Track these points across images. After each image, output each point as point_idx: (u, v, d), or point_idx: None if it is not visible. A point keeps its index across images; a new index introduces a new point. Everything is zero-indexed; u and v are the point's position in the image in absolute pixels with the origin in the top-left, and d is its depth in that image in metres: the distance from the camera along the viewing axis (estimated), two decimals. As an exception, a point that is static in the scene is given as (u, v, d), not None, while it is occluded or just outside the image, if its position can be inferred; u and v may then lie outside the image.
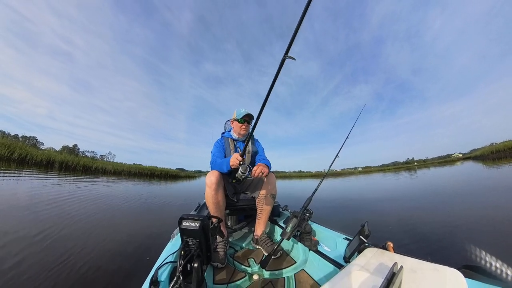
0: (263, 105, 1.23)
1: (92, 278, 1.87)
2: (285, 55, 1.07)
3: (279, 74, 1.13)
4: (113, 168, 26.66)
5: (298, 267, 1.42)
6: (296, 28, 1.04)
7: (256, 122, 1.30)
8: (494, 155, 37.31)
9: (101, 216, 4.08)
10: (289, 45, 1.07)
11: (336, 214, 4.79)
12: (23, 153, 19.40)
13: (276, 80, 1.15)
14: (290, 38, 1.07)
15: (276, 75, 1.13)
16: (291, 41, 1.06)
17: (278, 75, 1.12)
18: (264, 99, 1.21)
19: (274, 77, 1.14)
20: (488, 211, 3.78)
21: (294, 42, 1.07)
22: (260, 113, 1.25)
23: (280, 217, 2.21)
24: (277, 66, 1.09)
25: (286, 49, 1.08)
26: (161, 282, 0.95)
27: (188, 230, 0.86)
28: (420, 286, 0.76)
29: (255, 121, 1.31)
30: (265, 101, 1.21)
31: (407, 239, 2.76)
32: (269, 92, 1.18)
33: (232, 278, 1.31)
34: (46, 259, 2.11)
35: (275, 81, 1.15)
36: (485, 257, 1.16)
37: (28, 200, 4.80)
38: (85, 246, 2.53)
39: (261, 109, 1.24)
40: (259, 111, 1.25)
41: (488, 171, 13.27)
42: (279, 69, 1.11)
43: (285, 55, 1.07)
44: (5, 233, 2.73)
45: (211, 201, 1.53)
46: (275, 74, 1.14)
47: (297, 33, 1.04)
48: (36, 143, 78.89)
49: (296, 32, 1.04)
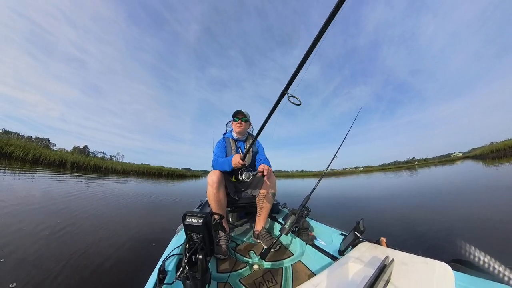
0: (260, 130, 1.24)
1: (105, 267, 2.01)
2: (285, 93, 0.93)
3: (274, 111, 1.03)
4: (122, 168, 27.18)
5: (296, 259, 1.50)
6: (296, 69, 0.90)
7: (261, 129, 1.30)
8: (494, 154, 37.10)
9: (112, 212, 4.25)
10: (288, 83, 0.93)
11: (333, 212, 4.89)
12: (37, 154, 19.94)
13: (270, 117, 1.08)
14: (290, 77, 0.93)
15: (271, 112, 1.05)
16: (291, 79, 0.93)
17: (273, 111, 1.04)
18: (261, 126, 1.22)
19: (269, 112, 1.07)
20: (480, 209, 3.86)
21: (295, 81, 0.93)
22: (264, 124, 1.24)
23: (279, 214, 2.28)
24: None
25: (285, 86, 0.93)
26: (168, 272, 1.01)
27: (191, 226, 0.90)
28: (409, 277, 0.80)
29: (260, 128, 1.31)
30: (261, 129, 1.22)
31: (401, 235, 2.85)
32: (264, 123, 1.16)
33: (234, 268, 1.40)
34: (64, 250, 2.30)
35: (270, 117, 1.09)
36: (474, 252, 1.19)
37: (45, 197, 5.04)
38: (99, 238, 2.70)
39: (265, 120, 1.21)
40: (264, 120, 1.22)
41: (485, 170, 13.33)
42: (276, 105, 1.01)
43: (285, 93, 0.93)
44: (28, 226, 2.94)
45: (213, 199, 1.59)
46: (271, 110, 1.05)
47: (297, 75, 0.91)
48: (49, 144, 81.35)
49: (297, 74, 0.91)
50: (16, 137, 54.41)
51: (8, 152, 18.69)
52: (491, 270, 0.84)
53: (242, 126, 1.99)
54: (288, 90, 0.93)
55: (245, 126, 2.02)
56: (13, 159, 18.35)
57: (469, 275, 0.80)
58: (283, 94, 0.95)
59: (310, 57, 0.86)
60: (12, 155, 18.80)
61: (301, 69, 0.89)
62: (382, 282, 0.67)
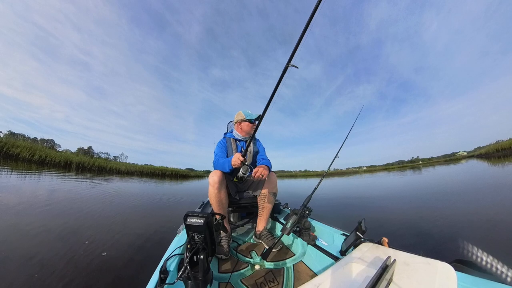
0: (266, 107, 1.26)
1: (107, 266, 2.04)
2: (288, 63, 1.08)
3: (281, 81, 1.14)
4: (126, 169, 27.50)
5: (297, 259, 1.50)
6: (299, 37, 1.04)
7: (259, 124, 1.36)
8: (500, 153, 36.43)
9: (115, 212, 4.31)
10: (292, 53, 1.08)
11: (335, 212, 4.88)
12: (43, 155, 20.30)
13: (278, 87, 1.17)
14: (294, 47, 1.07)
15: (279, 82, 1.15)
16: (294, 50, 1.07)
17: (280, 82, 1.14)
18: (267, 102, 1.24)
19: (277, 82, 1.16)
20: (483, 208, 3.81)
21: (297, 51, 1.07)
22: (262, 115, 1.29)
23: (280, 214, 2.28)
24: (281, 70, 1.12)
25: (289, 57, 1.09)
26: (170, 272, 1.02)
27: (193, 226, 0.90)
28: (411, 277, 0.79)
29: (258, 123, 1.37)
30: (268, 104, 1.23)
31: (403, 235, 2.84)
32: (272, 96, 1.21)
33: (236, 268, 1.40)
34: (67, 249, 2.34)
35: (277, 87, 1.17)
36: (476, 252, 1.17)
37: (53, 197, 5.16)
38: (101, 238, 2.73)
39: (264, 110, 1.27)
40: (262, 113, 1.29)
41: (489, 169, 13.20)
42: (282, 76, 1.13)
43: (288, 63, 1.08)
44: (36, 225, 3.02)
45: (214, 199, 1.60)
46: (278, 81, 1.16)
47: (300, 43, 1.04)
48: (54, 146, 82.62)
49: (299, 42, 1.04)
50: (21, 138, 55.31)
51: (15, 154, 19.03)
52: (494, 270, 0.83)
53: (252, 127, 2.00)
54: (291, 61, 1.09)
55: (253, 126, 2.01)
56: (20, 160, 18.67)
57: (471, 276, 0.79)
58: (287, 67, 1.10)
59: (309, 26, 1.02)
60: (19, 157, 19.13)
61: (301, 41, 1.05)
62: (384, 282, 0.67)
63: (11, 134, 71.57)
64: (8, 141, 19.77)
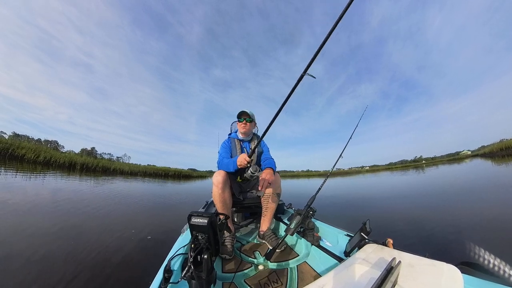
0: (276, 114, 1.22)
1: (112, 265, 2.06)
2: (305, 72, 1.03)
3: (295, 89, 1.09)
4: (130, 169, 27.71)
5: (301, 260, 1.49)
6: (319, 46, 0.99)
7: (268, 128, 1.31)
8: (504, 152, 35.86)
9: (119, 212, 4.37)
10: (310, 62, 1.03)
11: (339, 212, 4.85)
12: (47, 156, 20.53)
13: (292, 94, 1.13)
14: (312, 57, 1.02)
15: (293, 90, 1.11)
16: (312, 59, 1.02)
17: (294, 89, 1.10)
18: (279, 108, 1.19)
19: (290, 90, 1.12)
20: (490, 209, 3.76)
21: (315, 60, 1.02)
22: (272, 121, 1.26)
23: (284, 214, 2.28)
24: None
25: (306, 66, 1.04)
26: (174, 271, 1.03)
27: (197, 226, 0.91)
28: (416, 280, 0.79)
29: (266, 128, 1.32)
30: (279, 111, 1.20)
31: (407, 236, 2.81)
32: (284, 102, 1.17)
33: (240, 268, 1.41)
34: (72, 248, 2.39)
35: (290, 95, 1.13)
36: (483, 254, 1.15)
37: (59, 197, 5.24)
38: (106, 237, 2.77)
39: (274, 117, 1.24)
40: (272, 118, 1.25)
41: (493, 168, 13.08)
42: (296, 85, 1.08)
43: (305, 72, 1.03)
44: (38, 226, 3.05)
45: (218, 199, 1.60)
46: (292, 88, 1.11)
47: (319, 52, 1.00)
48: (57, 147, 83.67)
49: (319, 51, 0.99)
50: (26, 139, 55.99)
51: (21, 155, 19.29)
52: (501, 273, 0.82)
53: (247, 126, 2.00)
54: (307, 71, 1.06)
55: (250, 126, 2.02)
56: (25, 162, 18.91)
57: (478, 278, 0.79)
58: (302, 76, 1.06)
59: (332, 34, 0.97)
60: (24, 158, 19.39)
61: (320, 51, 1.01)
62: (389, 284, 0.67)
63: (16, 136, 72.63)
64: (13, 143, 20.05)
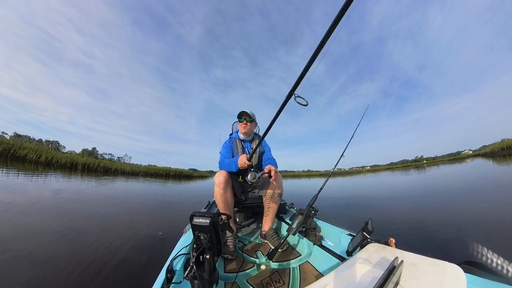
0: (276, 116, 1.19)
1: (114, 266, 2.07)
2: (292, 93, 0.94)
3: (281, 112, 1.04)
4: (131, 169, 27.84)
5: (303, 259, 1.49)
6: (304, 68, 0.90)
7: (268, 129, 1.31)
8: (505, 152, 35.71)
9: (121, 212, 4.39)
10: (295, 84, 0.94)
11: (341, 212, 4.85)
12: (49, 157, 20.63)
13: (277, 118, 1.09)
14: (297, 78, 0.93)
15: (278, 112, 1.06)
16: (299, 79, 0.93)
17: (280, 112, 1.05)
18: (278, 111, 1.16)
19: (276, 113, 1.08)
20: (493, 208, 3.75)
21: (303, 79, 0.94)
22: (272, 122, 1.24)
23: (286, 214, 2.28)
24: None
25: (292, 87, 0.94)
26: (176, 271, 1.03)
27: (199, 226, 0.92)
28: (419, 279, 0.78)
29: (266, 129, 1.32)
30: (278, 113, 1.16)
31: (410, 236, 2.81)
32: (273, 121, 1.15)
33: (242, 268, 1.41)
34: (74, 249, 2.39)
35: (276, 117, 1.10)
36: (486, 254, 1.15)
37: (63, 197, 5.29)
38: (108, 237, 2.78)
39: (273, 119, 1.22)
40: (271, 121, 1.24)
41: (495, 168, 13.01)
42: (283, 106, 1.02)
43: (292, 93, 0.94)
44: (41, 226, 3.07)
45: (220, 199, 1.60)
46: (277, 111, 1.07)
47: (304, 76, 0.92)
48: (59, 147, 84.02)
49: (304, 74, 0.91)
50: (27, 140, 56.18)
51: (22, 155, 19.37)
52: (504, 272, 0.81)
53: (247, 126, 2.00)
54: (295, 90, 0.94)
55: (250, 126, 2.02)
56: (27, 162, 18.99)
57: (481, 278, 0.78)
58: (290, 95, 0.95)
59: (317, 58, 0.85)
60: (26, 158, 19.47)
61: (308, 70, 0.89)
62: (391, 284, 0.67)
63: (17, 136, 72.95)
64: (15, 143, 20.14)
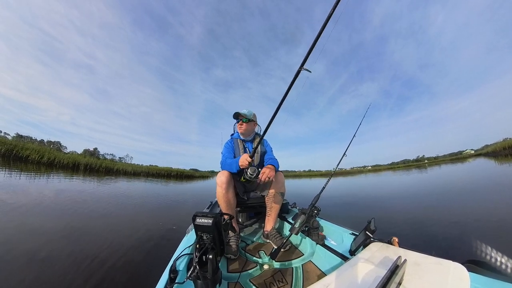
0: (276, 112, 1.24)
1: (118, 266, 2.08)
2: (301, 67, 1.06)
3: (293, 85, 1.12)
4: (133, 170, 27.89)
5: (306, 259, 1.49)
6: (313, 41, 1.02)
7: (268, 126, 1.33)
8: (507, 151, 35.43)
9: (124, 212, 4.41)
10: (305, 57, 1.07)
11: (344, 211, 4.85)
12: (51, 157, 20.69)
13: (289, 91, 1.16)
14: (307, 51, 1.05)
15: (290, 85, 1.14)
16: (307, 54, 1.05)
17: (292, 85, 1.13)
18: (278, 106, 1.22)
19: (288, 86, 1.14)
20: (496, 207, 3.74)
21: (310, 55, 1.06)
22: (272, 118, 1.28)
23: (289, 214, 2.28)
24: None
25: (302, 61, 1.07)
26: (179, 271, 1.04)
27: (201, 226, 0.92)
28: (422, 278, 0.78)
29: (267, 125, 1.34)
30: (278, 108, 1.22)
31: (413, 235, 2.80)
32: (282, 100, 1.19)
33: (245, 267, 1.41)
34: (77, 249, 2.41)
35: (288, 91, 1.16)
36: (490, 253, 1.14)
37: (64, 197, 5.30)
38: (111, 238, 2.79)
39: (273, 114, 1.26)
40: (271, 116, 1.27)
41: (497, 168, 12.95)
42: (294, 80, 1.11)
43: (301, 67, 1.06)
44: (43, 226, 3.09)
45: (222, 199, 1.61)
46: (290, 84, 1.14)
47: (314, 47, 1.03)
48: (60, 147, 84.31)
49: (314, 46, 1.03)
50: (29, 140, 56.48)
51: (25, 156, 19.47)
52: (508, 271, 0.81)
53: (243, 127, 1.99)
54: (303, 66, 1.08)
55: (247, 126, 2.01)
56: (29, 163, 19.09)
57: (485, 277, 0.78)
58: (299, 71, 1.08)
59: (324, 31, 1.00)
60: (28, 159, 19.57)
61: (316, 44, 1.03)
62: (394, 283, 0.66)
63: (19, 137, 73.36)
64: (17, 144, 20.25)
